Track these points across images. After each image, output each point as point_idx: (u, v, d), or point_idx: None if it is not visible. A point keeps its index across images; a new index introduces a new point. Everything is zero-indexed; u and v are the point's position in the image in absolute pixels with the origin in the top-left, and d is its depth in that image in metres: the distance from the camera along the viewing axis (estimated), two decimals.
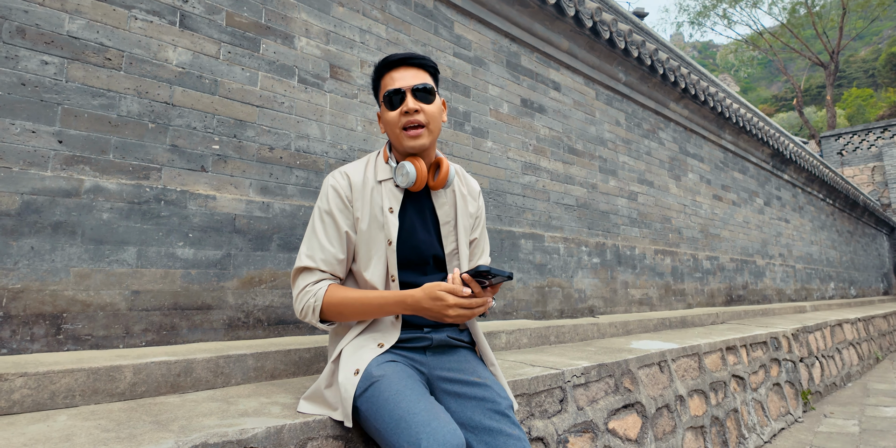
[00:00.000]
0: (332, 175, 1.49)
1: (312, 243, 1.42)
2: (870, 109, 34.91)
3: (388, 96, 1.43)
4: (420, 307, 1.27)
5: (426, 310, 1.26)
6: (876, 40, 48.38)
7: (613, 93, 4.45)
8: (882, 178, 16.50)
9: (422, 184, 1.44)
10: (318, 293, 1.36)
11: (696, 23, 28.27)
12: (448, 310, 1.23)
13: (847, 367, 5.90)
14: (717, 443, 2.98)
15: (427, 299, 1.26)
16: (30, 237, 1.54)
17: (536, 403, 1.97)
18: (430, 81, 1.46)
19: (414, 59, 1.45)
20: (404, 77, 1.43)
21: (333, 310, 1.35)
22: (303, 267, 1.40)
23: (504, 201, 3.21)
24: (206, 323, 1.87)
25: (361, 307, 1.34)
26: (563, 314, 3.50)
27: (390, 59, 1.45)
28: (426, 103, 1.42)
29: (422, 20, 2.88)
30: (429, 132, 1.43)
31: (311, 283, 1.38)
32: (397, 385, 1.23)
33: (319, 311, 1.36)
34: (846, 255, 11.04)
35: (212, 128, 1.97)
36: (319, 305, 1.35)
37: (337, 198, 1.44)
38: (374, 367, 1.29)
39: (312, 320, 1.37)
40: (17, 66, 1.57)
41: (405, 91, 1.41)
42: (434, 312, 1.25)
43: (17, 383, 1.31)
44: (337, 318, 1.38)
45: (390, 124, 1.44)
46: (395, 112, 1.42)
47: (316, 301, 1.35)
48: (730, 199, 6.25)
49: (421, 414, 1.14)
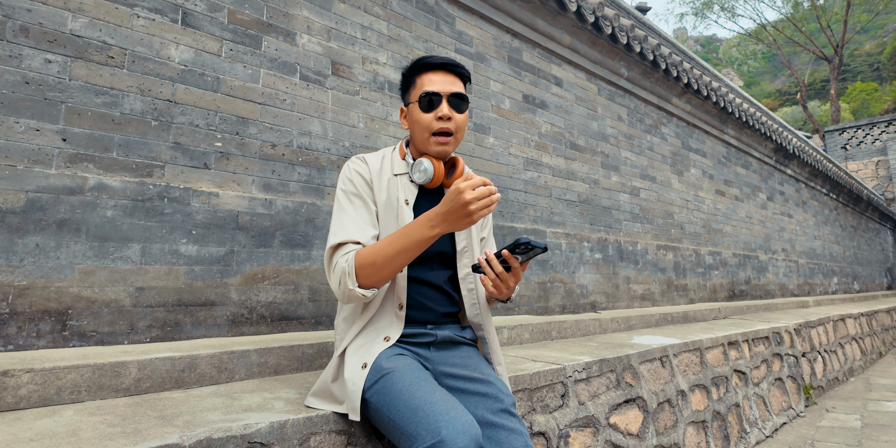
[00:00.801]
0: (352, 160, 1.50)
1: (344, 220, 1.38)
2: (874, 103, 34.70)
3: (424, 97, 1.42)
4: (442, 212, 1.23)
5: (448, 213, 1.22)
6: (881, 34, 48.01)
7: (615, 88, 4.44)
8: (886, 173, 16.42)
9: (438, 182, 1.46)
10: (349, 259, 1.30)
11: (699, 15, 28.10)
12: (466, 194, 1.18)
13: (849, 361, 5.90)
14: (718, 437, 2.99)
15: (446, 201, 1.22)
16: (35, 235, 1.56)
17: (538, 398, 1.98)
18: (464, 90, 1.47)
19: (454, 66, 1.46)
20: (443, 81, 1.44)
21: (367, 266, 1.28)
22: (337, 243, 1.35)
23: (506, 197, 3.21)
24: (209, 319, 1.88)
25: (390, 245, 1.27)
26: (565, 310, 3.51)
27: (431, 60, 1.45)
28: (458, 112, 1.44)
29: (423, 16, 2.88)
30: (455, 140, 1.45)
31: (342, 255, 1.33)
32: (410, 376, 1.24)
33: (355, 273, 1.29)
34: (850, 249, 11.02)
35: (214, 125, 1.98)
36: (353, 267, 1.29)
37: (360, 179, 1.45)
38: (384, 360, 1.30)
39: (351, 286, 1.29)
40: (20, 64, 1.58)
41: (442, 96, 1.42)
42: (456, 209, 1.20)
43: (24, 379, 1.33)
44: (374, 275, 1.29)
45: (420, 125, 1.44)
46: (429, 115, 1.43)
47: (349, 266, 1.29)
48: (732, 195, 6.24)
49: (438, 404, 1.15)
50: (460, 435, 1.07)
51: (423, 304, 1.45)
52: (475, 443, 1.08)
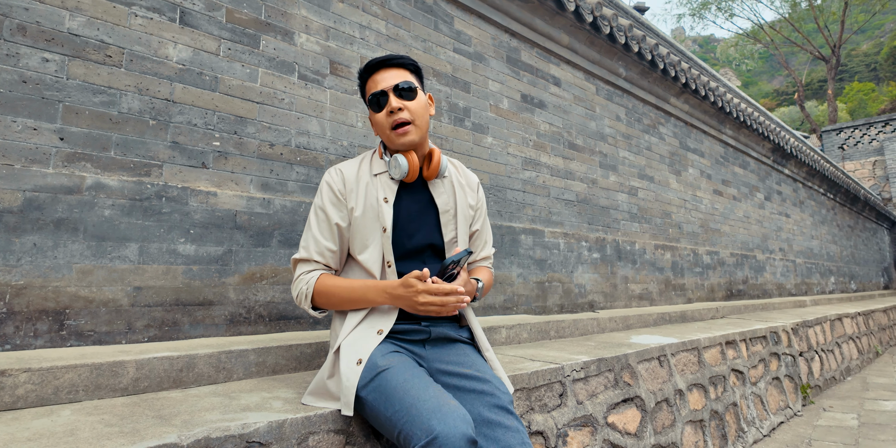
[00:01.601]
0: (328, 172, 1.56)
1: (308, 236, 1.50)
2: (871, 103, 34.78)
3: (372, 99, 1.50)
4: (396, 295, 1.35)
5: (400, 297, 1.34)
6: (878, 34, 48.10)
7: (614, 88, 4.45)
8: (883, 173, 16.47)
9: (415, 174, 1.50)
10: (310, 281, 1.45)
11: (696, 15, 28.13)
12: (417, 296, 1.30)
13: (847, 361, 5.92)
14: (716, 436, 3.00)
15: (399, 286, 1.33)
16: (32, 234, 1.55)
17: (536, 397, 1.98)
18: (410, 79, 1.52)
19: (392, 59, 1.51)
20: (385, 78, 1.49)
21: (323, 296, 1.44)
22: (299, 258, 1.50)
23: (504, 197, 3.21)
24: (207, 319, 1.88)
25: (347, 294, 1.42)
26: (563, 309, 3.52)
27: (370, 63, 1.52)
28: (409, 100, 1.48)
29: (422, 16, 2.88)
30: (416, 127, 1.49)
31: (305, 272, 1.48)
32: (404, 374, 1.25)
33: (311, 298, 1.45)
34: (847, 249, 11.04)
35: (212, 124, 1.97)
36: (311, 292, 1.44)
37: (329, 192, 1.51)
38: (378, 358, 1.31)
39: (305, 306, 1.46)
40: (18, 63, 1.58)
41: (387, 91, 1.48)
42: (406, 300, 1.33)
43: (21, 379, 1.33)
44: (326, 306, 1.46)
45: (379, 125, 1.51)
46: (382, 113, 1.49)
47: (308, 288, 1.44)
48: (730, 194, 6.25)
49: (431, 400, 1.16)
50: (452, 431, 1.08)
51: None
52: (467, 438, 1.09)
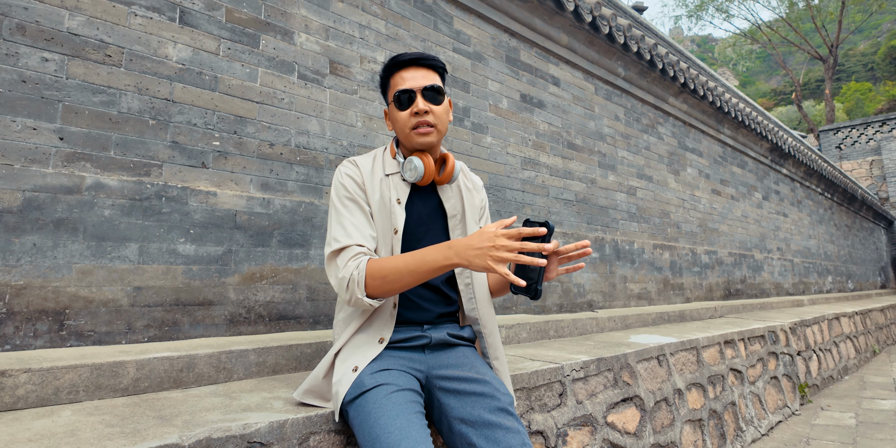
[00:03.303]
0: (343, 164, 1.50)
1: (344, 223, 1.38)
2: (868, 103, 34.86)
3: (398, 96, 1.43)
4: (466, 245, 1.22)
5: (471, 247, 1.21)
6: (875, 34, 48.21)
7: (612, 88, 4.45)
8: (880, 172, 16.51)
9: (429, 179, 1.46)
10: (360, 266, 1.29)
11: (694, 16, 28.18)
12: (496, 240, 1.18)
13: (844, 360, 5.94)
14: (714, 436, 3.00)
15: (475, 237, 1.21)
16: (32, 234, 1.55)
17: (536, 397, 1.99)
18: (439, 82, 1.47)
19: (424, 59, 1.45)
20: (414, 77, 1.43)
21: (378, 278, 1.28)
22: (339, 248, 1.34)
23: (503, 196, 3.22)
24: (207, 318, 1.88)
25: (404, 263, 1.27)
26: (563, 309, 3.52)
27: (400, 58, 1.45)
28: (435, 104, 1.43)
29: (421, 15, 2.88)
30: (437, 132, 1.45)
31: (351, 258, 1.32)
32: (382, 399, 1.23)
33: (364, 283, 1.29)
34: (844, 248, 11.07)
35: (212, 124, 1.97)
36: (363, 277, 1.28)
37: (353, 183, 1.45)
38: (367, 376, 1.29)
39: (359, 295, 1.29)
40: (17, 63, 1.57)
41: (415, 92, 1.42)
42: (479, 248, 1.20)
43: (22, 379, 1.32)
44: (382, 288, 1.29)
45: (400, 123, 1.45)
46: (405, 112, 1.43)
47: (359, 273, 1.28)
48: (728, 194, 6.26)
49: (393, 434, 1.14)
50: None
51: (419, 304, 1.45)
52: None
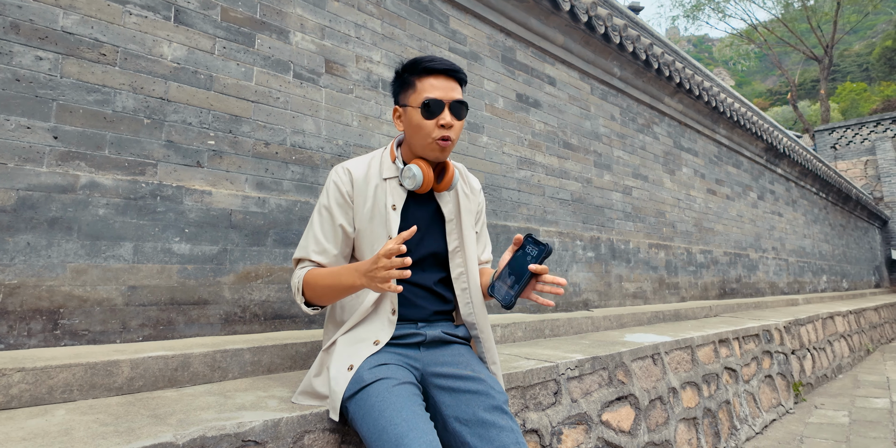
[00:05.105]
0: (335, 170, 1.49)
1: (309, 235, 1.47)
2: (863, 103, 35.00)
3: (427, 104, 1.39)
4: (362, 269, 1.24)
5: (361, 271, 1.24)
6: (870, 34, 48.38)
7: (608, 87, 4.46)
8: (875, 172, 16.58)
9: (427, 187, 1.45)
10: (300, 275, 1.41)
11: (690, 16, 28.25)
12: (378, 262, 1.18)
13: (838, 359, 5.97)
14: (709, 434, 3.02)
15: (369, 261, 1.23)
16: (26, 233, 1.55)
17: (531, 396, 1.99)
18: (463, 97, 1.47)
19: (456, 71, 1.43)
20: (445, 88, 1.41)
21: (309, 288, 1.39)
22: (297, 258, 1.47)
23: (499, 196, 3.22)
24: (202, 318, 1.88)
25: (325, 279, 1.35)
26: (558, 308, 3.53)
27: (434, 65, 1.41)
28: (458, 119, 1.43)
29: (417, 15, 2.88)
30: (452, 145, 1.45)
31: (299, 267, 1.45)
32: (385, 392, 1.23)
33: (302, 291, 1.40)
34: (838, 248, 11.12)
35: (207, 123, 1.97)
36: (301, 286, 1.40)
37: (337, 192, 1.45)
38: (366, 371, 1.29)
39: (298, 301, 1.42)
40: (11, 61, 1.57)
41: (445, 103, 1.40)
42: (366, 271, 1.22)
43: (15, 378, 1.32)
44: (314, 298, 1.40)
45: (424, 131, 1.41)
46: (431, 121, 1.40)
47: (299, 282, 1.40)
48: (724, 193, 6.28)
49: (400, 425, 1.14)
50: None
51: (414, 302, 1.46)
52: None
